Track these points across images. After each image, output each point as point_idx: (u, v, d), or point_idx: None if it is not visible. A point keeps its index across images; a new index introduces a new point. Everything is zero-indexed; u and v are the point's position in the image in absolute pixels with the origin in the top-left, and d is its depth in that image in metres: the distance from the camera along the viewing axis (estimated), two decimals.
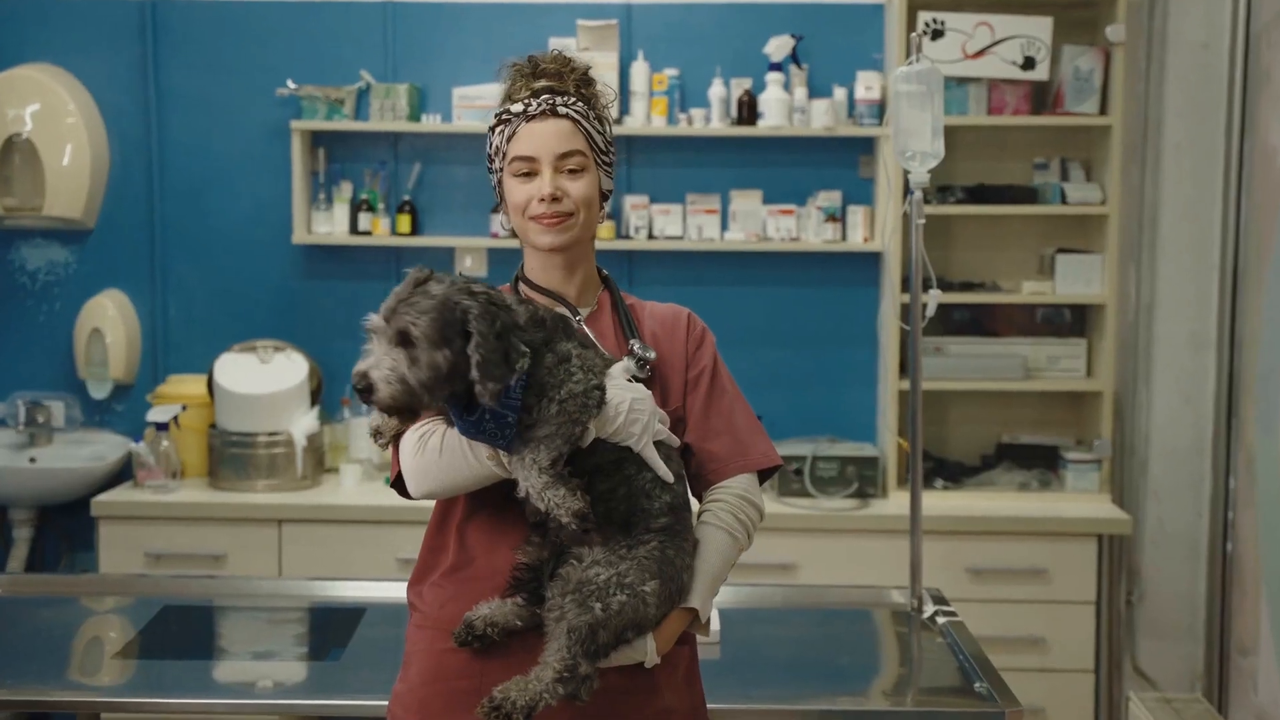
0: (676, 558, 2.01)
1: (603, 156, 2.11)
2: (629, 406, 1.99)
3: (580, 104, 2.08)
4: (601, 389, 1.96)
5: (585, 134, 2.08)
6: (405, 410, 1.93)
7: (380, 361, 1.89)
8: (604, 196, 2.13)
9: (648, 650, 2.01)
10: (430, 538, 2.16)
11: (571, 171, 2.07)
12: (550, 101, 2.06)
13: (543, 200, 2.05)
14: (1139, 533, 4.36)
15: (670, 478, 2.03)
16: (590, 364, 1.98)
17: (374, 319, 1.91)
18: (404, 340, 1.88)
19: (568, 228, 2.07)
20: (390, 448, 2.10)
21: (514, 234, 2.14)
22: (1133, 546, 4.38)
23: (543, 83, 2.08)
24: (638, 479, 2.00)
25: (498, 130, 2.10)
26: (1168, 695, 3.95)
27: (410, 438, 2.04)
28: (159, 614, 3.03)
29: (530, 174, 2.07)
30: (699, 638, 2.18)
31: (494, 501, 2.07)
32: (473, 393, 1.89)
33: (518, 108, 2.07)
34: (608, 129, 2.13)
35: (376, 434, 2.07)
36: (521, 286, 2.15)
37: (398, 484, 2.12)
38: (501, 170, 2.10)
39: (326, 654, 2.83)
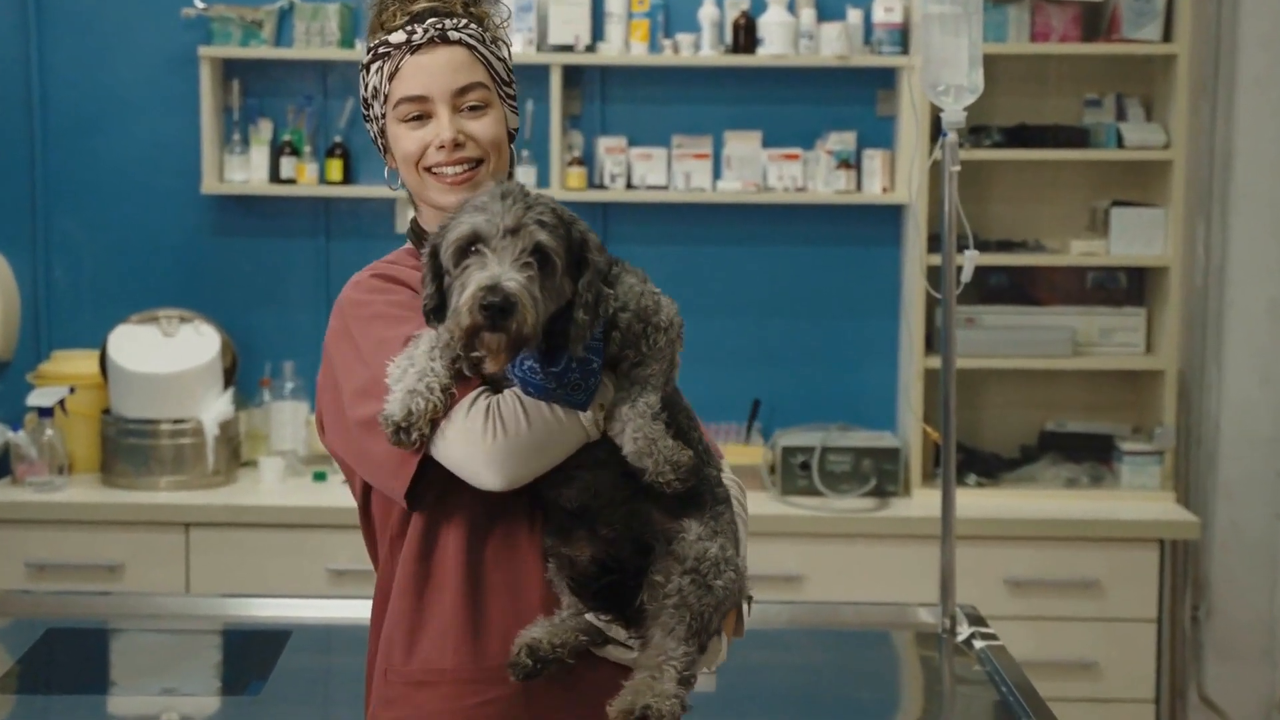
0: (741, 530, 2.00)
1: (505, 89, 2.06)
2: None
3: (473, 25, 2.02)
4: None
5: (484, 62, 2.02)
6: (514, 349, 1.77)
7: (511, 275, 1.74)
8: (510, 137, 2.07)
9: (723, 646, 1.98)
10: (407, 590, 1.97)
11: (473, 109, 2.01)
12: (439, 26, 1.99)
13: (442, 147, 1.99)
14: (1207, 537, 4.38)
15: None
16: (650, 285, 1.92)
17: (485, 224, 1.76)
18: (540, 257, 1.77)
19: (476, 181, 2.00)
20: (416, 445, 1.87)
21: (405, 186, 2.07)
22: (1200, 553, 4.40)
23: (422, 3, 2.01)
24: (691, 434, 1.93)
25: (374, 68, 2.03)
26: None
27: (475, 418, 1.85)
28: (42, 638, 3.00)
29: (422, 117, 2.00)
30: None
31: (508, 517, 1.94)
32: (554, 338, 1.81)
33: (398, 37, 2.00)
34: (508, 54, 2.07)
35: (401, 430, 1.83)
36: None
37: (413, 494, 1.91)
38: (384, 117, 2.03)
39: (244, 687, 2.81)
